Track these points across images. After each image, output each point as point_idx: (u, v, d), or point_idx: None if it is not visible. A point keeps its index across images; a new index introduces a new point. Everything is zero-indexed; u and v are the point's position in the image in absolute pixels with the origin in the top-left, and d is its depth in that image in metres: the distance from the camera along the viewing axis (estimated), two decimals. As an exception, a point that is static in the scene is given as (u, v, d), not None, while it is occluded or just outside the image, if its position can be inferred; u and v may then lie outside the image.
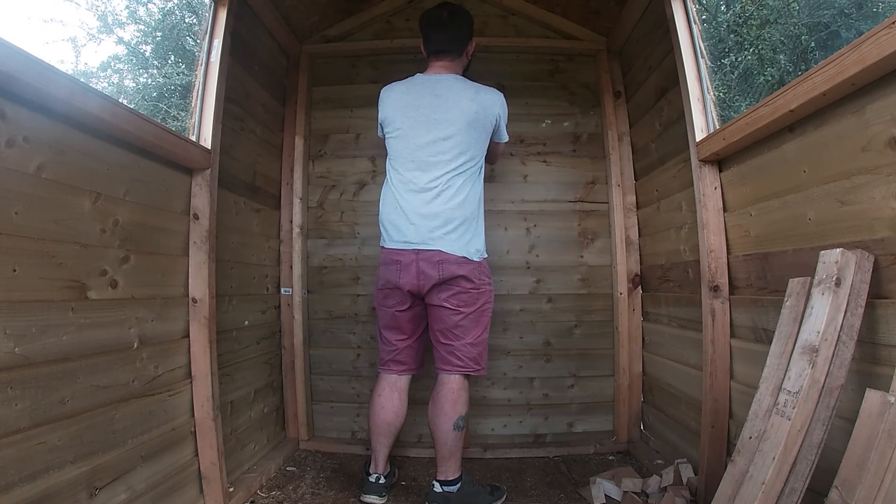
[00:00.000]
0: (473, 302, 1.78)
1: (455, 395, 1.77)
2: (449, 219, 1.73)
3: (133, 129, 1.32)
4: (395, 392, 1.86)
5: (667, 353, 2.16)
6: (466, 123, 1.77)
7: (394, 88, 1.87)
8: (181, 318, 1.61)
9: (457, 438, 1.76)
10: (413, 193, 1.76)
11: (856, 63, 1.04)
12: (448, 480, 1.76)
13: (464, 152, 1.77)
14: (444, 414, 1.75)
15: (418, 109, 1.79)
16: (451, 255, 1.73)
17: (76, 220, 1.20)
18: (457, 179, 1.76)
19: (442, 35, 1.87)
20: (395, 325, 1.85)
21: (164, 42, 9.05)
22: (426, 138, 1.77)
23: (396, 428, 1.86)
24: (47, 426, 1.08)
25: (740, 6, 7.49)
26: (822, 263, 1.14)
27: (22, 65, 0.99)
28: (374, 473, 1.84)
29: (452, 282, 1.74)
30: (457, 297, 1.76)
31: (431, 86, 1.83)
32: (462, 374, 1.79)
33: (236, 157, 2.01)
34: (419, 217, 1.74)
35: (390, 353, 1.86)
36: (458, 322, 1.77)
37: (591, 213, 2.51)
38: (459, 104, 1.78)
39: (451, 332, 1.78)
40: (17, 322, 1.03)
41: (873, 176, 1.09)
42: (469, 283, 1.76)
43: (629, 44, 2.42)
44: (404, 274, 1.75)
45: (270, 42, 2.33)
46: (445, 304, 1.76)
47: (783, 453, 1.07)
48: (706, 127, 1.70)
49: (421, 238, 1.74)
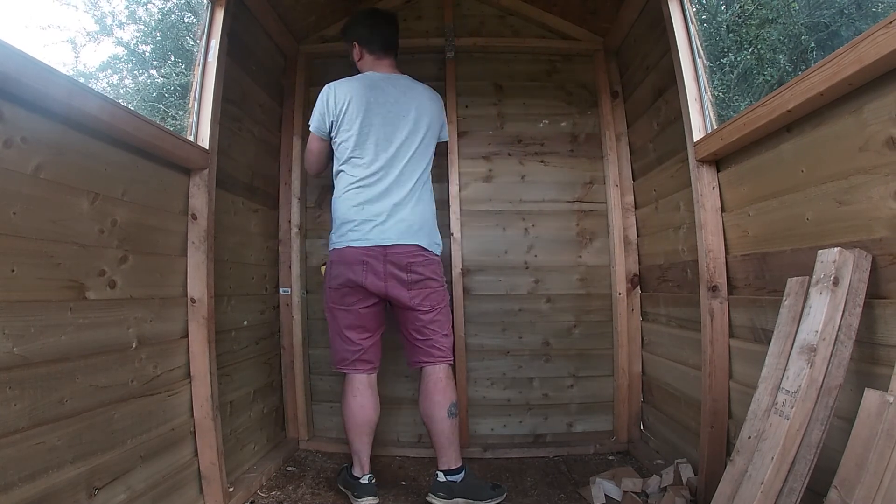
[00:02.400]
0: (442, 299, 1.86)
1: (444, 383, 1.81)
2: (422, 220, 1.81)
3: (131, 130, 1.32)
4: (370, 389, 1.86)
5: (666, 353, 2.16)
6: (428, 123, 1.86)
7: (349, 85, 1.86)
8: (180, 319, 1.60)
9: (453, 426, 1.78)
10: (382, 192, 1.79)
11: (853, 63, 1.04)
12: (451, 469, 1.77)
13: (427, 152, 1.88)
14: (436, 403, 1.78)
15: (385, 107, 1.82)
16: (425, 252, 1.80)
17: (74, 221, 1.20)
18: (424, 179, 1.87)
19: (393, 30, 1.97)
20: (359, 324, 1.83)
21: (163, 42, 9.04)
22: (399, 137, 1.82)
23: (375, 425, 1.87)
24: (46, 426, 1.08)
25: (739, 6, 7.49)
26: (820, 263, 1.14)
27: (20, 65, 0.99)
28: (364, 475, 1.82)
29: (422, 283, 1.79)
30: (429, 298, 1.81)
31: (393, 83, 1.87)
32: (446, 363, 1.84)
33: (234, 158, 2.01)
34: (387, 217, 1.77)
35: (356, 353, 1.83)
36: (433, 318, 1.82)
37: (590, 213, 2.52)
38: (422, 104, 1.87)
39: (425, 329, 1.82)
40: (15, 322, 1.03)
41: (871, 176, 1.09)
42: (436, 282, 1.83)
43: (626, 44, 2.43)
44: (370, 274, 1.75)
45: (268, 42, 2.33)
46: (420, 307, 1.80)
47: (782, 453, 1.07)
48: (704, 127, 1.70)
49: (388, 236, 1.76)
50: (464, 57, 2.56)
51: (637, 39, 2.31)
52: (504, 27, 2.60)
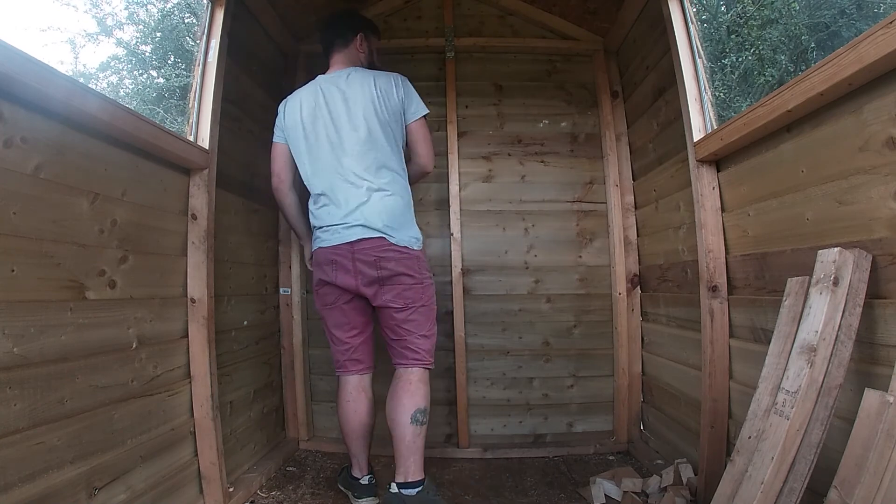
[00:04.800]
0: (419, 297, 1.73)
1: (413, 385, 1.67)
2: (389, 213, 1.70)
3: (131, 130, 1.32)
4: (362, 392, 1.81)
5: (666, 353, 2.16)
6: (364, 112, 1.74)
7: (300, 94, 1.83)
8: (180, 319, 1.60)
9: (415, 434, 1.61)
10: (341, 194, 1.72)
11: (853, 63, 1.04)
12: (408, 483, 1.59)
13: (380, 143, 1.75)
14: (401, 405, 1.64)
15: (325, 108, 1.77)
16: (395, 246, 1.68)
17: (74, 221, 1.20)
18: (390, 170, 1.75)
19: (328, 32, 1.94)
20: (344, 321, 1.79)
21: (163, 42, 9.04)
22: (342, 134, 1.75)
23: (372, 427, 1.83)
24: (46, 426, 1.08)
25: (741, 7, 7.49)
26: (820, 263, 1.14)
27: (20, 65, 0.99)
28: (363, 476, 1.82)
29: (394, 279, 1.69)
30: (402, 295, 1.70)
31: (334, 81, 1.80)
32: (420, 366, 1.71)
33: (234, 158, 2.01)
34: (349, 214, 1.70)
35: (345, 353, 1.81)
36: (408, 317, 1.72)
37: (590, 213, 2.52)
38: (354, 95, 1.76)
39: (399, 329, 1.72)
40: (15, 322, 1.03)
41: (871, 176, 1.09)
42: (410, 278, 1.71)
43: (626, 44, 2.43)
44: (339, 273, 1.71)
45: (267, 42, 2.33)
46: (392, 305, 1.71)
47: (782, 453, 1.07)
48: (704, 127, 1.70)
49: (353, 233, 1.69)
50: (464, 57, 2.56)
51: (637, 39, 2.31)
52: (504, 27, 2.60)
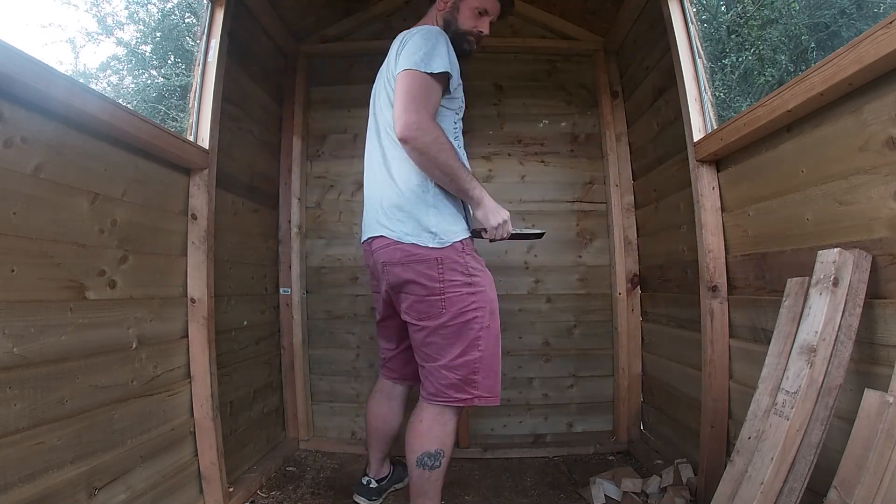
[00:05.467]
0: (438, 313, 1.40)
1: (424, 425, 1.44)
2: (390, 202, 1.46)
3: (131, 130, 1.32)
4: (392, 401, 1.75)
5: (666, 353, 2.16)
6: (375, 88, 1.59)
7: None
8: (180, 319, 1.61)
9: (421, 477, 1.43)
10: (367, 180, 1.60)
11: (853, 63, 1.04)
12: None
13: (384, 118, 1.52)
14: (408, 445, 1.46)
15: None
16: (398, 244, 1.42)
17: (74, 221, 1.20)
18: (393, 152, 1.48)
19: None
20: (380, 334, 1.75)
21: (163, 42, 9.04)
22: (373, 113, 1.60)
23: (388, 434, 1.77)
24: (46, 426, 1.08)
25: (741, 7, 7.49)
26: (820, 263, 1.14)
27: (20, 65, 0.99)
28: (366, 476, 1.82)
29: (402, 287, 1.44)
30: (413, 308, 1.44)
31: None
32: (436, 403, 1.44)
33: (234, 158, 2.01)
34: (367, 206, 1.57)
35: (382, 360, 1.78)
36: (424, 339, 1.44)
37: (590, 213, 2.52)
38: (388, 59, 1.51)
39: (419, 352, 1.49)
40: (15, 322, 1.03)
41: (871, 176, 1.09)
42: (422, 287, 1.40)
43: (626, 44, 2.43)
44: (372, 277, 1.63)
45: (268, 42, 2.33)
46: (408, 320, 1.48)
47: (782, 453, 1.07)
48: (704, 127, 1.70)
49: (365, 230, 1.56)
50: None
51: (637, 39, 2.31)
52: (504, 27, 2.60)
